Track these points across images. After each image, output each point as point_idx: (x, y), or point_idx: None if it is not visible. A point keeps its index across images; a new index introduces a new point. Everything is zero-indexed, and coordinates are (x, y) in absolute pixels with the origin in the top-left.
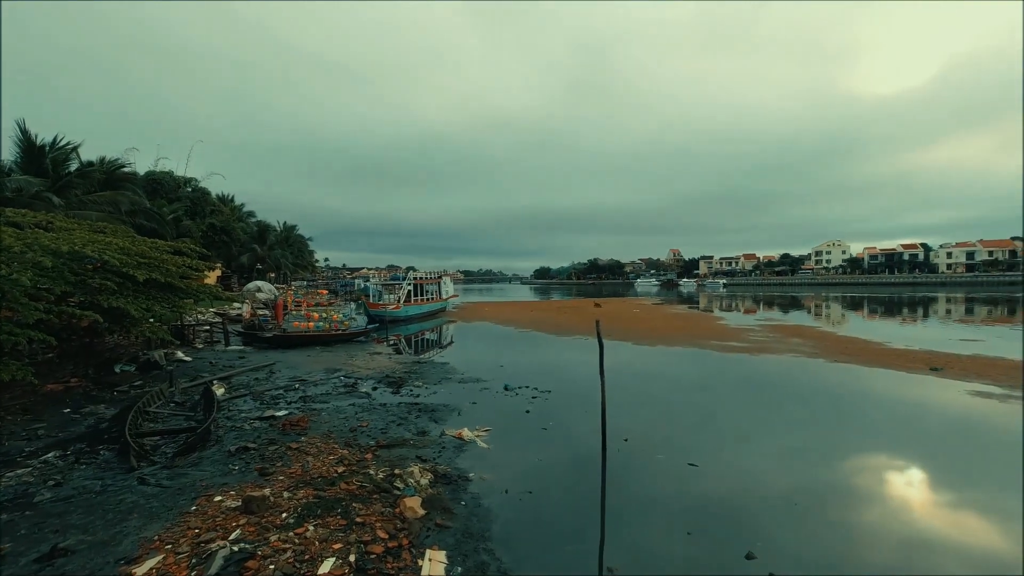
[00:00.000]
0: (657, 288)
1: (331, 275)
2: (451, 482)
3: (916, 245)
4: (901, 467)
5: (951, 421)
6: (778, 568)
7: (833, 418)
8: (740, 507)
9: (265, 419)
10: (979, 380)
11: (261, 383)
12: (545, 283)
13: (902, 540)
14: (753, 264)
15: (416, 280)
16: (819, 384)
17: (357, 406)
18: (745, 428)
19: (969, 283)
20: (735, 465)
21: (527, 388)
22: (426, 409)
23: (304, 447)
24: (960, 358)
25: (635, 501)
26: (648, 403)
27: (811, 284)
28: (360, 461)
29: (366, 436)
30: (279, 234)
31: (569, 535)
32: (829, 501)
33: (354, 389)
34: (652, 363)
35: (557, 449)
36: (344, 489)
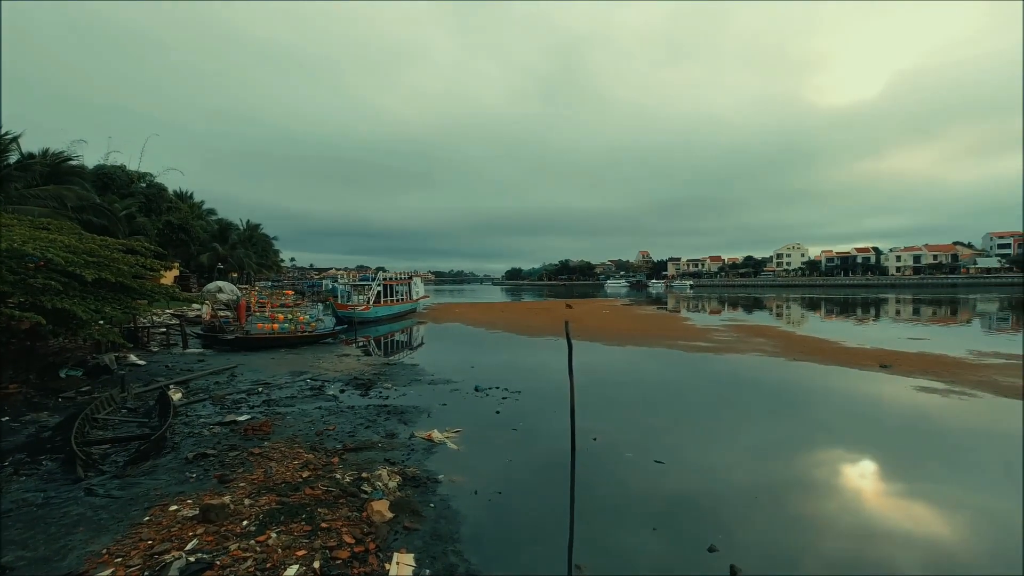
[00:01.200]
0: (627, 289)
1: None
2: (420, 484)
3: (869, 249)
4: (854, 460)
5: (899, 415)
6: (739, 559)
7: (792, 414)
8: (704, 502)
9: (226, 424)
10: (924, 376)
11: (222, 387)
12: (517, 284)
13: (855, 530)
14: (719, 266)
15: (386, 281)
16: (780, 382)
17: (324, 409)
18: (710, 426)
19: (915, 285)
20: (700, 462)
21: (498, 389)
22: (395, 411)
23: (267, 452)
24: (907, 355)
25: (603, 499)
26: (617, 402)
27: (773, 285)
28: (326, 465)
29: (333, 440)
30: (242, 233)
31: (539, 534)
32: (788, 494)
33: (321, 392)
34: (621, 363)
35: (527, 449)
36: (309, 494)
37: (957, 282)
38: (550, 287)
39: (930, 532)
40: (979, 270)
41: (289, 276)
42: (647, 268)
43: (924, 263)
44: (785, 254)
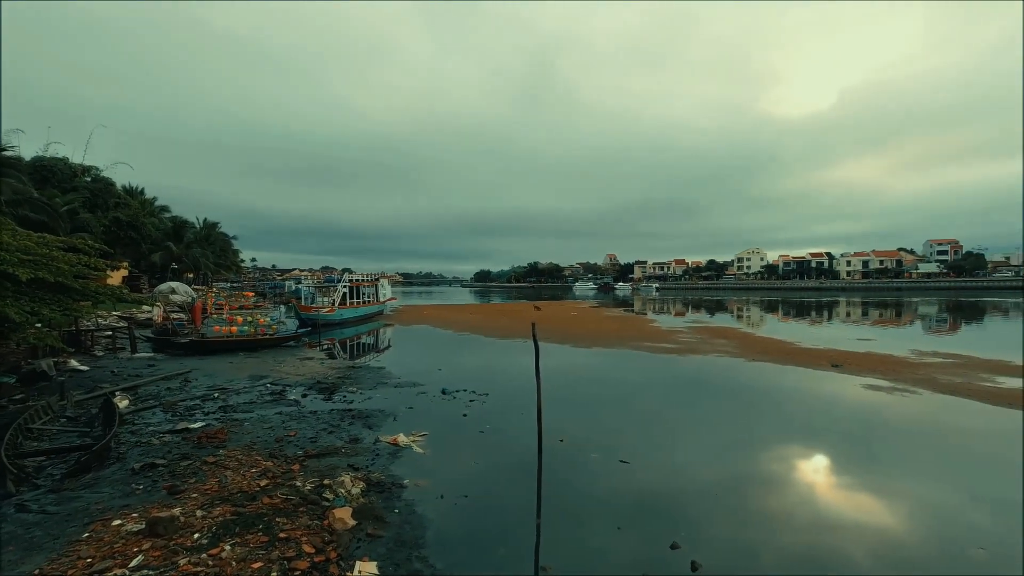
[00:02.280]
0: (594, 291)
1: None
2: (384, 490)
3: (822, 254)
4: (809, 455)
5: (849, 412)
6: (700, 555)
7: (752, 413)
8: (667, 500)
9: (178, 432)
10: (871, 375)
11: (174, 393)
12: (486, 286)
13: (811, 522)
14: (683, 269)
15: (352, 282)
16: (740, 382)
17: (284, 415)
18: (674, 425)
19: (864, 288)
20: (664, 461)
21: (465, 391)
22: (360, 415)
23: (222, 461)
24: (856, 355)
25: (570, 500)
26: (584, 404)
27: (734, 288)
28: (286, 473)
29: (293, 446)
30: (198, 231)
31: (505, 537)
32: (747, 490)
33: (282, 397)
34: (588, 365)
35: (494, 452)
36: (267, 503)
37: (901, 286)
38: (519, 289)
39: (877, 521)
40: (920, 275)
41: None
42: (614, 271)
43: (872, 268)
44: (745, 258)
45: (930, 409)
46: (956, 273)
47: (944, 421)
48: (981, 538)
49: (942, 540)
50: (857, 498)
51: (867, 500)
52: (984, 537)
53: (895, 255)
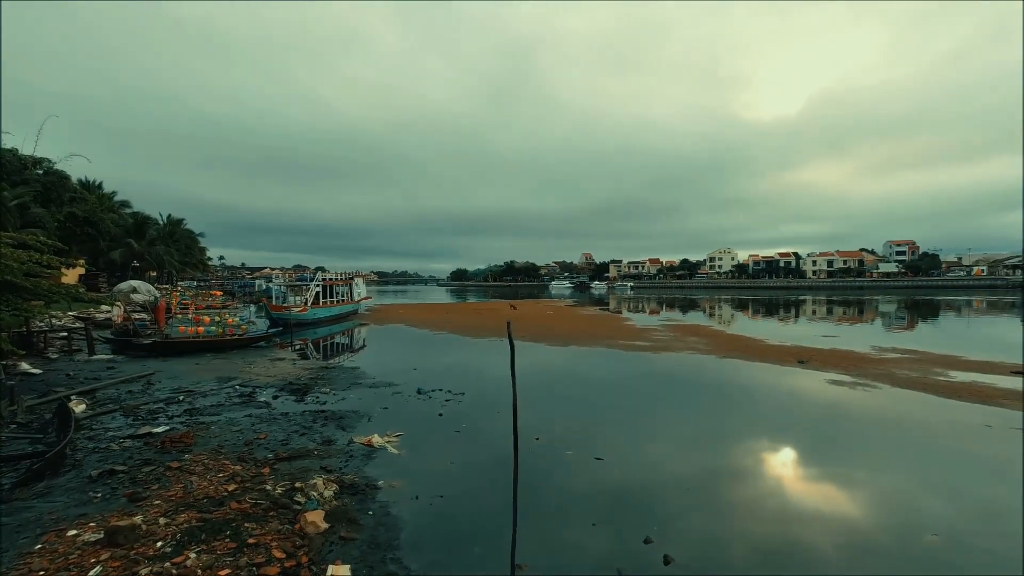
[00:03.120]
0: (570, 290)
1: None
2: (358, 492)
3: (790, 254)
4: (777, 448)
5: (814, 406)
6: (672, 548)
7: (723, 409)
8: (641, 496)
9: (139, 437)
10: (835, 370)
11: (136, 396)
12: (462, 285)
13: (779, 513)
14: (657, 268)
15: (325, 281)
16: (711, 378)
17: (254, 417)
18: (647, 422)
19: (829, 287)
20: (638, 457)
21: (441, 391)
22: (333, 416)
23: (188, 466)
24: (821, 352)
25: (546, 497)
26: (559, 402)
27: (706, 287)
28: (255, 477)
29: (264, 449)
30: (162, 228)
31: (481, 536)
32: (718, 483)
33: (251, 399)
34: (564, 363)
35: (470, 451)
36: (235, 508)
37: (863, 285)
38: (495, 288)
39: (840, 511)
40: (880, 274)
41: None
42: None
43: (836, 267)
44: (717, 257)
45: (889, 403)
46: (913, 273)
47: (902, 414)
48: (935, 525)
49: (899, 527)
50: (822, 489)
51: (831, 491)
52: (938, 524)
53: (857, 255)
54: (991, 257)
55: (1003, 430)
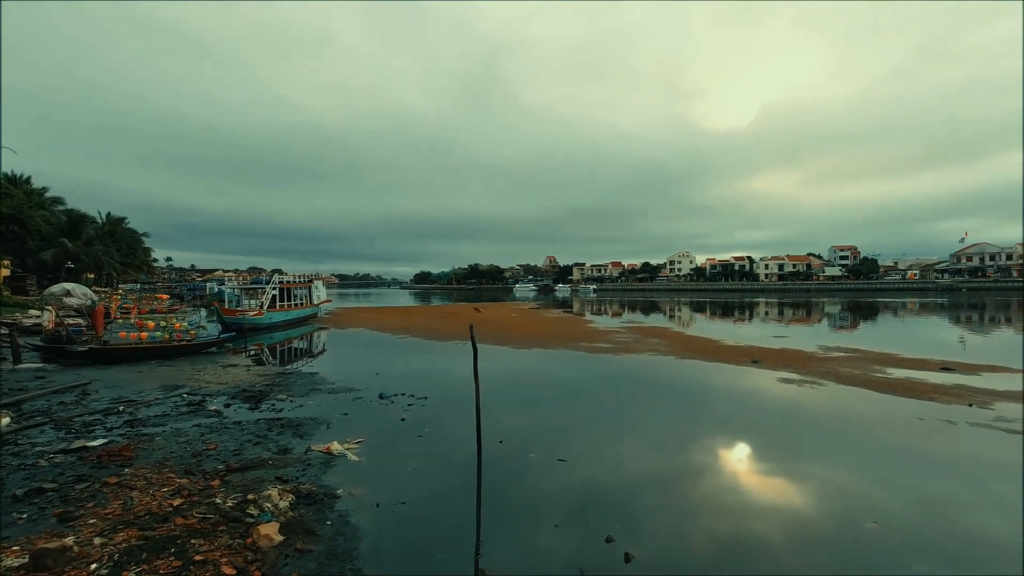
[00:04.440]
0: (535, 293)
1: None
2: (316, 501)
3: (744, 258)
4: (732, 445)
5: (767, 404)
6: (633, 546)
7: (682, 408)
8: (603, 495)
9: (73, 452)
10: (785, 369)
11: (69, 408)
12: (426, 288)
13: (735, 507)
14: (620, 271)
15: (283, 284)
16: (671, 379)
17: (204, 427)
18: (610, 423)
19: (780, 290)
20: (600, 457)
21: (403, 395)
22: (290, 424)
23: (128, 480)
24: (773, 351)
25: (509, 501)
26: (523, 404)
27: (666, 290)
28: (204, 490)
29: (214, 460)
30: (101, 227)
31: (444, 542)
32: (678, 481)
33: (201, 407)
34: (528, 366)
35: (433, 456)
36: (181, 524)
37: (811, 287)
38: (460, 291)
39: (790, 502)
40: (826, 277)
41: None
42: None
43: (786, 271)
44: (676, 261)
45: (834, 399)
46: (855, 276)
47: (845, 410)
48: (875, 514)
49: (842, 517)
50: (774, 483)
51: (781, 484)
52: (877, 513)
53: (805, 260)
54: (923, 262)
55: (933, 422)
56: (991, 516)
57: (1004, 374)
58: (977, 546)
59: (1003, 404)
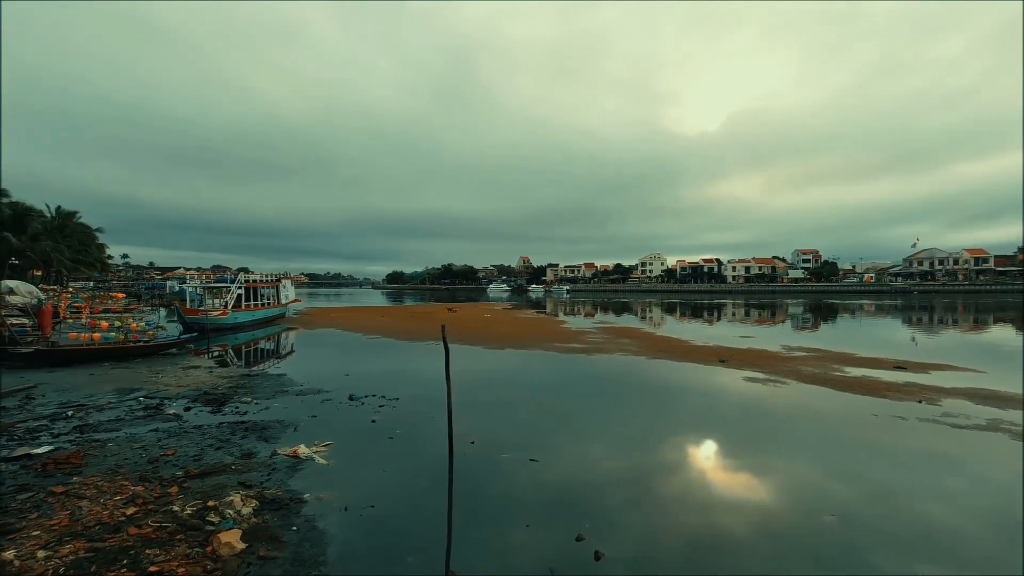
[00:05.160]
0: (508, 294)
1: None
2: (281, 507)
3: (713, 260)
4: (700, 442)
5: (733, 402)
6: (603, 544)
7: (652, 407)
8: (574, 495)
9: (14, 460)
10: (751, 368)
11: (11, 414)
12: (398, 288)
13: (702, 503)
14: (593, 272)
15: (249, 283)
16: (642, 378)
17: (161, 431)
18: (582, 422)
19: (746, 291)
20: (571, 457)
21: (374, 397)
22: (255, 427)
23: (76, 489)
24: (739, 351)
25: (481, 502)
26: (495, 405)
27: (638, 291)
28: (161, 497)
29: (172, 466)
30: (50, 221)
31: (415, 545)
32: (647, 478)
33: (158, 411)
34: (501, 366)
35: (404, 458)
36: (134, 534)
37: (776, 289)
38: (433, 291)
39: (755, 497)
40: (790, 280)
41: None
42: (528, 273)
43: (752, 273)
44: (648, 263)
45: (796, 397)
46: (817, 278)
47: (806, 407)
48: (833, 507)
49: (803, 509)
50: (739, 478)
51: (747, 479)
52: (836, 506)
53: (770, 263)
54: (879, 265)
55: (886, 419)
56: (938, 506)
57: (951, 372)
58: (926, 535)
59: (949, 400)
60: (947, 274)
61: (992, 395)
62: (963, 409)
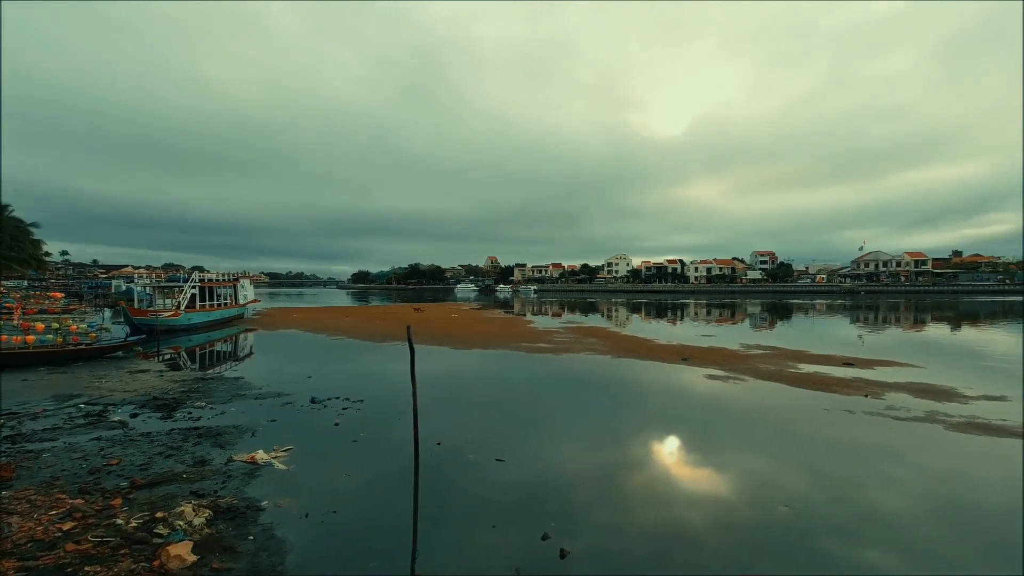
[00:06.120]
0: (476, 294)
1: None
2: (237, 516)
3: (676, 261)
4: (663, 438)
5: (695, 399)
6: (569, 542)
7: (618, 405)
8: (540, 494)
9: None
10: (711, 366)
11: None
12: (364, 288)
13: (665, 497)
14: (560, 272)
15: (204, 283)
16: (608, 377)
17: (105, 440)
18: (548, 422)
19: (708, 291)
20: (538, 456)
21: (338, 399)
22: (209, 433)
23: (6, 505)
24: (701, 349)
25: (447, 504)
26: (462, 406)
27: (604, 291)
28: (103, 510)
29: (116, 477)
30: None
31: (379, 550)
32: (612, 475)
33: (101, 418)
34: (468, 366)
35: (368, 461)
36: (72, 551)
37: (735, 290)
38: (400, 291)
39: (714, 490)
40: (748, 280)
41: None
42: (496, 273)
43: (714, 274)
44: (614, 263)
45: (754, 393)
46: (773, 279)
47: (764, 403)
48: (788, 498)
49: (759, 501)
50: (700, 473)
51: (708, 473)
52: (790, 497)
53: (731, 264)
54: (830, 267)
55: (836, 412)
56: (883, 494)
57: (894, 367)
58: (873, 521)
59: (892, 394)
60: (891, 275)
61: (930, 389)
62: (904, 403)
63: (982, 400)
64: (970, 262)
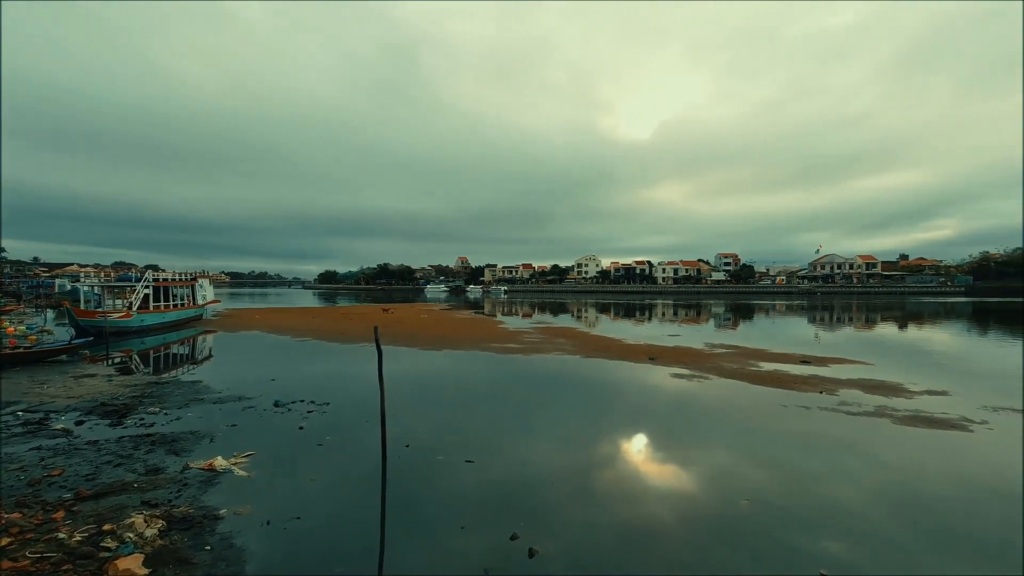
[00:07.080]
0: (446, 294)
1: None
2: (193, 525)
3: (644, 262)
4: (632, 436)
5: (662, 397)
6: (537, 541)
7: (587, 404)
8: (509, 494)
9: None
10: (677, 365)
11: None
12: (332, 288)
13: (632, 494)
14: (530, 273)
15: (158, 282)
16: (577, 377)
17: (46, 449)
18: (518, 422)
19: (675, 292)
20: (507, 456)
21: (303, 402)
22: (163, 440)
23: None
24: (667, 349)
25: (416, 506)
26: (431, 407)
27: (574, 292)
28: (43, 524)
29: (58, 488)
30: None
31: (345, 555)
32: (581, 474)
33: (42, 426)
34: (437, 367)
35: (334, 465)
36: (9, 568)
37: (700, 290)
38: (368, 291)
39: (680, 486)
40: (713, 282)
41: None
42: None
43: (680, 275)
44: (584, 264)
45: (717, 391)
46: (736, 280)
47: (726, 400)
48: (748, 492)
49: (721, 496)
50: (666, 469)
51: (673, 470)
52: (750, 491)
53: (696, 265)
54: (789, 269)
55: (794, 408)
56: (838, 485)
57: (846, 364)
58: (829, 511)
59: (845, 391)
60: (844, 277)
61: (880, 385)
62: (856, 398)
63: (925, 395)
64: (915, 265)
